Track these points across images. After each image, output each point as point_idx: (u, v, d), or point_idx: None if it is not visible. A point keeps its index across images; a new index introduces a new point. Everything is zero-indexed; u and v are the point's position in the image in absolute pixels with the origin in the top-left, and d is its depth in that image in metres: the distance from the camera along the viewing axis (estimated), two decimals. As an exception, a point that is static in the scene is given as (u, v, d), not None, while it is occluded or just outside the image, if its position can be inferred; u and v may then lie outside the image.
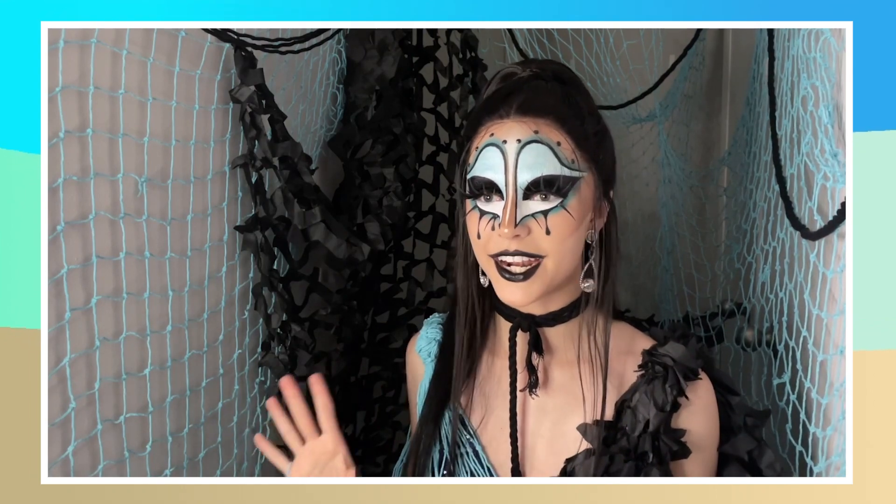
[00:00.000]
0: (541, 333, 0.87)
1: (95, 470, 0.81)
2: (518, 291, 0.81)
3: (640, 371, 0.86)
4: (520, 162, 0.79)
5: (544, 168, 0.79)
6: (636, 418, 0.83)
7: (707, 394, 0.86)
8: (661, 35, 1.65)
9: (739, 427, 0.89)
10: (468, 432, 0.90)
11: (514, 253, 0.80)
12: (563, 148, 0.80)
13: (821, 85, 0.84)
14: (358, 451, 1.41)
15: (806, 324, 0.90)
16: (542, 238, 0.80)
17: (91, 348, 0.80)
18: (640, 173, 1.84)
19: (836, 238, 0.80)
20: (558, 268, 0.81)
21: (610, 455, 0.82)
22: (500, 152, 0.80)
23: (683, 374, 0.84)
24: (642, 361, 0.86)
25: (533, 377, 0.86)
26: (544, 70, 0.87)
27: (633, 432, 0.83)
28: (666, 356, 0.85)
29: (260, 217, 1.05)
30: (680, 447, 0.83)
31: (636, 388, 0.85)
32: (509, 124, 0.81)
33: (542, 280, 0.81)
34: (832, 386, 0.82)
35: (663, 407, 0.83)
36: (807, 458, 0.88)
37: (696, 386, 0.85)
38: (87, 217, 0.79)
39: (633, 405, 0.84)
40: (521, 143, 0.80)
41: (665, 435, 0.82)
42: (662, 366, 0.85)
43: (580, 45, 1.62)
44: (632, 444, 0.83)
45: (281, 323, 1.11)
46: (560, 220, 0.80)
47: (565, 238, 0.80)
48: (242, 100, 0.98)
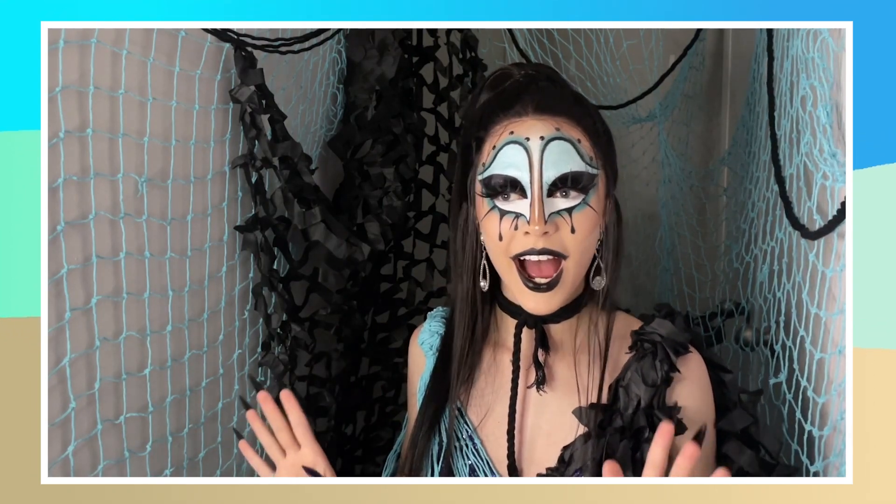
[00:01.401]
0: (546, 330, 0.88)
1: (95, 470, 0.81)
2: (542, 302, 0.82)
3: (630, 352, 0.86)
4: (545, 158, 0.79)
5: (569, 164, 0.80)
6: (629, 397, 0.83)
7: (698, 367, 0.86)
8: (661, 35, 1.65)
9: (734, 403, 0.89)
10: (468, 426, 0.90)
11: (541, 251, 0.80)
12: (583, 145, 0.81)
13: (819, 85, 0.84)
14: (358, 451, 1.41)
15: (804, 323, 0.90)
16: (568, 236, 0.80)
17: (91, 348, 0.80)
18: (640, 173, 1.84)
19: (836, 237, 0.80)
20: (578, 269, 0.82)
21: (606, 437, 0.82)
22: (524, 149, 0.80)
23: (673, 348, 0.84)
24: (631, 342, 0.87)
25: (540, 373, 0.86)
26: (539, 73, 0.88)
27: (627, 410, 0.83)
28: (654, 333, 0.85)
29: (260, 217, 1.05)
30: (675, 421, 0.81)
31: (628, 368, 0.85)
32: (529, 122, 0.81)
33: (565, 288, 0.82)
34: (830, 385, 0.82)
35: (654, 382, 0.83)
36: (803, 457, 0.88)
37: (686, 360, 0.85)
38: (87, 217, 0.79)
39: (626, 384, 0.84)
40: (545, 139, 0.80)
41: (659, 410, 0.82)
42: (651, 342, 0.85)
43: (580, 45, 1.62)
44: (626, 421, 0.82)
45: (281, 323, 1.11)
46: (584, 218, 0.80)
47: (587, 235, 0.81)
48: (242, 100, 0.98)
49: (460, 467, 0.89)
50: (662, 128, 1.70)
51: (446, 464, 0.89)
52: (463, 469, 0.88)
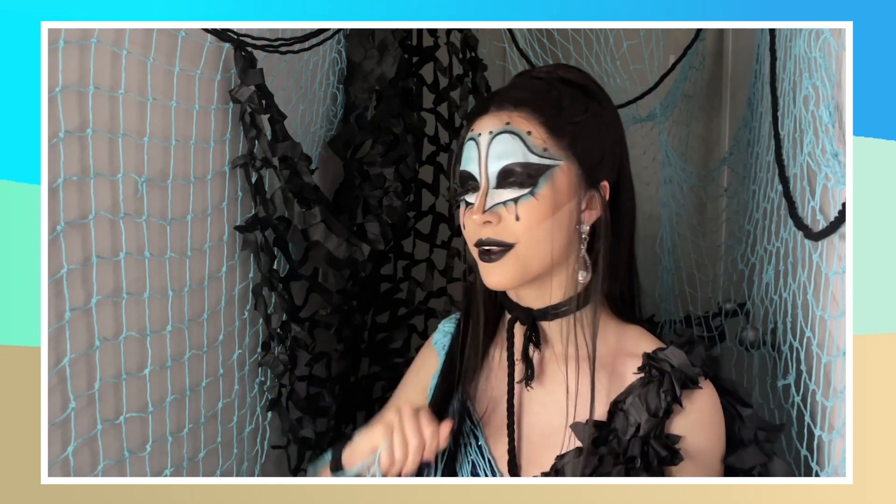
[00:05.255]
0: (540, 327, 0.88)
1: (95, 470, 0.81)
2: (494, 273, 0.84)
3: (638, 374, 0.86)
4: (490, 152, 0.83)
5: (512, 156, 0.82)
6: (627, 421, 0.82)
7: (706, 404, 0.84)
8: (661, 35, 1.65)
9: (750, 441, 0.86)
10: (472, 424, 0.90)
11: (487, 241, 0.83)
12: (533, 137, 0.83)
13: (821, 85, 0.83)
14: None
15: (810, 325, 0.89)
16: (513, 224, 0.82)
17: (91, 348, 0.80)
18: (641, 173, 1.83)
19: (838, 238, 0.79)
20: (531, 254, 0.83)
21: (599, 456, 0.81)
22: (476, 145, 0.85)
23: (681, 381, 0.82)
24: (641, 364, 0.86)
25: (529, 370, 0.87)
26: (551, 73, 0.89)
27: (624, 435, 0.82)
28: (665, 361, 0.83)
29: (260, 217, 1.05)
30: (669, 453, 0.80)
31: (631, 391, 0.84)
32: (485, 119, 0.85)
33: (514, 264, 0.83)
34: (837, 388, 0.81)
35: (655, 412, 0.81)
36: (812, 463, 0.87)
37: (694, 395, 0.83)
38: (87, 217, 0.79)
39: (626, 408, 0.83)
40: (493, 134, 0.84)
41: (655, 441, 0.80)
42: (660, 370, 0.83)
43: (580, 45, 1.62)
44: (621, 447, 0.81)
45: (281, 323, 1.11)
46: (530, 207, 0.82)
47: (535, 225, 0.82)
48: (242, 100, 0.98)
49: (463, 465, 0.89)
50: (662, 128, 1.70)
51: (449, 462, 0.89)
52: (466, 467, 0.88)
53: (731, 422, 0.86)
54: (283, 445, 1.17)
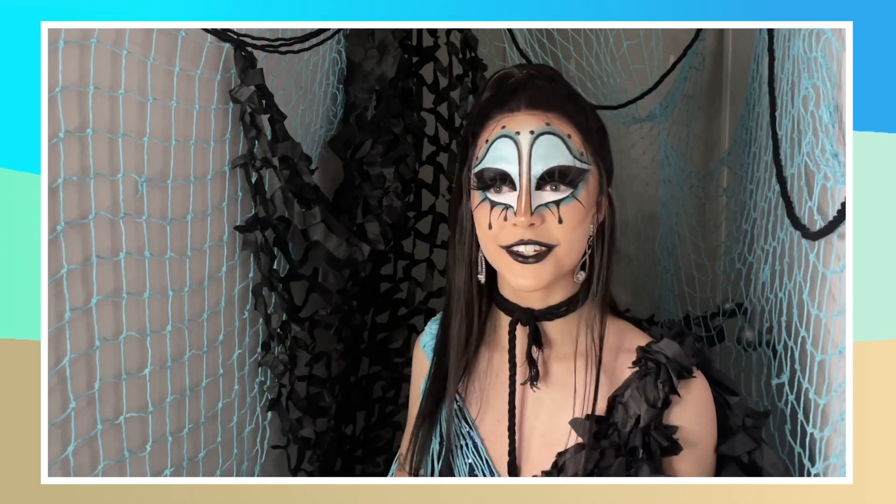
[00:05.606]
0: (540, 327, 0.88)
1: (95, 470, 0.81)
2: (530, 275, 0.82)
3: (633, 367, 0.86)
4: (534, 152, 0.82)
5: (557, 159, 0.82)
6: (627, 414, 0.84)
7: (701, 392, 0.86)
8: (661, 35, 1.65)
9: (738, 427, 0.89)
10: (467, 424, 0.90)
11: (529, 242, 0.81)
12: (573, 140, 0.83)
13: (822, 85, 0.84)
14: (358, 451, 1.41)
15: (805, 324, 0.90)
16: (556, 227, 0.82)
17: (91, 348, 0.80)
18: (640, 173, 1.84)
19: (836, 238, 0.80)
20: (568, 257, 0.83)
21: (600, 450, 0.83)
22: (514, 143, 0.82)
23: (676, 371, 0.84)
24: (636, 358, 0.87)
25: (533, 370, 0.87)
26: (541, 73, 0.89)
27: (624, 428, 0.83)
28: (659, 353, 0.86)
29: (260, 217, 1.05)
30: (670, 444, 0.83)
31: (628, 384, 0.85)
32: (521, 117, 0.83)
33: (553, 265, 0.82)
34: (830, 386, 0.82)
35: (654, 403, 0.83)
36: (804, 460, 0.88)
37: (689, 384, 0.85)
38: (87, 217, 0.79)
39: (625, 401, 0.84)
40: (535, 134, 0.82)
41: (655, 431, 0.83)
42: (655, 362, 0.85)
43: (580, 45, 1.62)
44: (622, 439, 0.83)
45: (281, 323, 1.11)
46: (572, 210, 0.82)
47: (575, 227, 0.82)
48: (242, 100, 0.98)
49: (460, 466, 0.89)
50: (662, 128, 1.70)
51: (446, 463, 0.89)
52: (463, 468, 0.89)
53: (719, 410, 0.88)
54: (282, 445, 1.17)
